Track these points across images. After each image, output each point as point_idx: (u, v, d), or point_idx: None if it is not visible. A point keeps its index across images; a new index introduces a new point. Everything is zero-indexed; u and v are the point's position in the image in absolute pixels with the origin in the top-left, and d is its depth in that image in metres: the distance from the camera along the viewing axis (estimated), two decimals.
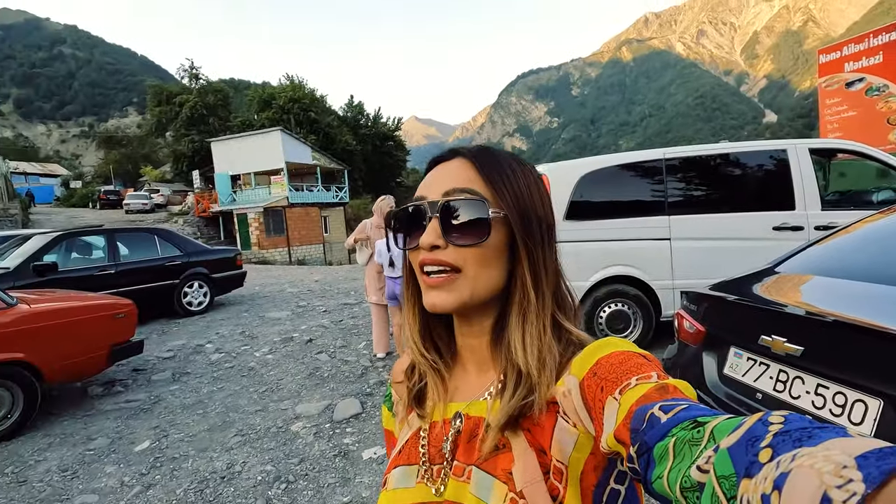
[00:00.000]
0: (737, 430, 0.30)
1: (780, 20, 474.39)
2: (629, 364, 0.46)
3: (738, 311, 1.85)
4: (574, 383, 0.49)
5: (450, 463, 0.56)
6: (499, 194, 0.55)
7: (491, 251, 0.54)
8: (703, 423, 0.34)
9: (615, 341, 0.51)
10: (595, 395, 0.46)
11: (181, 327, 6.91)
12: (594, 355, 0.50)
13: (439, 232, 0.54)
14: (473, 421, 0.56)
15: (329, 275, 13.47)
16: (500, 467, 0.51)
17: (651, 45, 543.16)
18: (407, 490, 0.58)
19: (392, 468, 0.61)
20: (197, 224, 27.47)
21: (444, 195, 0.55)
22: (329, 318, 6.97)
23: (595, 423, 0.46)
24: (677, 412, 0.37)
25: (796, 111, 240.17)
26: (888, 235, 1.99)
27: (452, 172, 0.57)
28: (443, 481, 0.56)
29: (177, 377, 4.77)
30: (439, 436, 0.59)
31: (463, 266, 0.54)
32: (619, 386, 0.44)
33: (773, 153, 4.42)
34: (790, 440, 0.26)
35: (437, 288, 0.54)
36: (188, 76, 40.24)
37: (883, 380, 1.32)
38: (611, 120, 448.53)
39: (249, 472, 2.91)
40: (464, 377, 0.62)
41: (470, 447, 0.55)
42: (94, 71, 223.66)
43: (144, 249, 7.37)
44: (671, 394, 0.41)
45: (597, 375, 0.47)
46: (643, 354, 0.48)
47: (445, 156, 0.60)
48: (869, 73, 10.72)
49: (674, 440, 0.34)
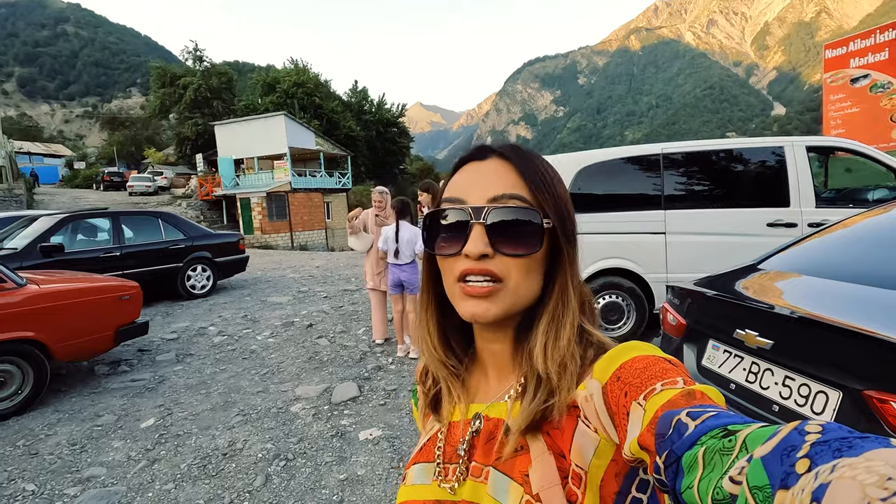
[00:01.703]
0: (771, 439, 0.29)
1: (792, 10, 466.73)
2: (654, 369, 0.44)
3: (717, 305, 1.94)
4: (596, 387, 0.48)
5: (466, 462, 0.56)
6: (543, 201, 0.53)
7: (536, 261, 0.53)
8: (735, 432, 0.32)
9: (639, 345, 0.49)
10: (618, 401, 0.44)
11: (185, 310, 7.05)
12: (618, 359, 0.48)
13: (486, 240, 0.51)
14: (493, 422, 0.56)
15: (330, 261, 13.60)
16: (517, 469, 0.50)
17: (660, 34, 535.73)
18: (424, 487, 0.59)
19: (412, 464, 0.62)
20: (200, 208, 27.57)
21: (491, 201, 0.53)
22: (329, 304, 7.09)
23: (618, 429, 0.44)
24: (706, 419, 0.35)
25: (805, 104, 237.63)
26: (865, 236, 2.06)
27: (493, 175, 0.54)
28: (457, 479, 0.56)
29: (180, 358, 4.90)
30: (457, 436, 0.59)
31: (506, 276, 0.52)
32: (644, 391, 0.42)
33: (770, 150, 4.46)
34: (829, 450, 0.25)
35: (478, 297, 0.52)
36: (192, 58, 40.03)
37: (842, 373, 1.41)
38: (617, 110, 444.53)
39: (250, 449, 3.03)
40: (483, 379, 0.61)
41: (488, 448, 0.55)
42: (97, 51, 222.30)
43: (149, 233, 7.47)
44: (698, 399, 0.39)
45: (620, 380, 0.46)
46: (668, 359, 0.46)
47: (476, 154, 0.57)
48: (874, 70, 10.66)
49: (703, 449, 0.33)
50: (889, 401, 1.27)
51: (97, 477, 2.79)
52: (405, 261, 4.45)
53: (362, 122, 42.71)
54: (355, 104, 45.25)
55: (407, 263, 4.47)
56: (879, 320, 1.42)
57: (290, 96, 36.15)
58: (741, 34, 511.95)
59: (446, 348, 0.62)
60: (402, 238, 4.40)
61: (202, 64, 39.91)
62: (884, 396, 1.29)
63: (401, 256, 4.42)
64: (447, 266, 0.55)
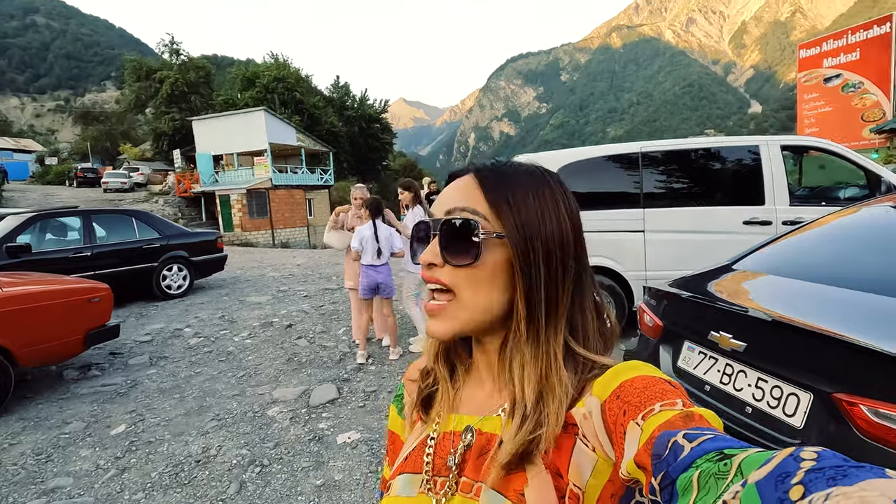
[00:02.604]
0: (766, 465, 0.29)
1: (768, 10, 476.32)
2: (654, 389, 0.44)
3: (692, 307, 1.94)
4: (595, 405, 0.48)
5: (456, 476, 0.54)
6: (499, 214, 0.53)
7: (486, 273, 0.53)
8: (731, 456, 0.32)
9: (640, 365, 0.49)
10: (617, 419, 0.45)
11: (160, 311, 6.88)
12: (618, 378, 0.48)
13: (437, 250, 0.54)
14: (486, 437, 0.55)
15: (312, 259, 13.44)
16: (512, 488, 0.49)
17: (641, 31, 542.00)
18: (409, 499, 0.57)
19: (397, 474, 0.60)
20: (178, 205, 26.98)
21: (446, 213, 0.55)
22: (310, 303, 6.99)
23: (615, 448, 0.44)
24: (702, 442, 0.35)
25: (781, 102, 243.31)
26: (836, 237, 2.09)
27: (459, 190, 0.56)
28: (445, 494, 0.54)
29: (154, 361, 4.77)
30: (446, 447, 0.57)
31: (456, 288, 0.53)
32: (643, 411, 0.42)
33: (746, 149, 4.52)
34: (823, 478, 0.25)
35: (433, 316, 0.54)
36: (168, 51, 39.00)
37: (812, 375, 1.42)
38: (599, 107, 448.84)
39: (224, 455, 2.96)
40: (479, 390, 0.60)
41: (480, 463, 0.53)
42: (69, 43, 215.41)
43: (122, 231, 7.27)
44: (696, 422, 0.39)
45: (620, 398, 0.46)
46: (668, 381, 0.46)
47: (459, 172, 0.59)
48: (846, 70, 10.93)
49: (699, 472, 0.33)
50: (858, 404, 1.28)
51: (63, 488, 2.69)
52: (379, 262, 4.37)
53: (344, 118, 42.23)
54: (337, 100, 44.71)
55: (383, 265, 4.40)
56: (848, 323, 1.43)
57: (271, 91, 35.53)
58: (719, 33, 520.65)
59: (443, 353, 0.63)
60: (381, 237, 4.34)
61: (179, 57, 38.94)
62: (853, 399, 1.29)
63: (369, 257, 4.34)
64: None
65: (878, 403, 1.24)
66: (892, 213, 2.15)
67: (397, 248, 4.46)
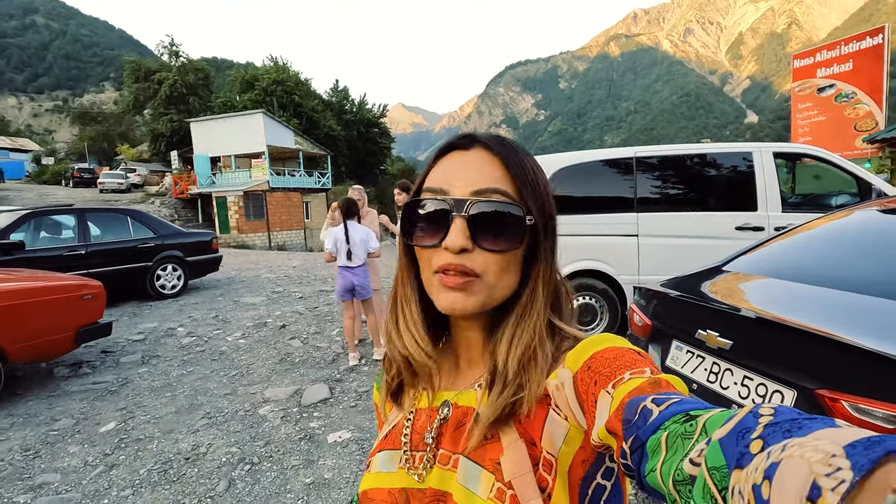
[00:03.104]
0: (728, 423, 0.30)
1: (765, 22, 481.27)
2: (624, 359, 0.46)
3: (680, 306, 1.96)
4: (567, 376, 0.49)
5: (433, 450, 0.55)
6: (527, 196, 0.53)
7: (517, 257, 0.53)
8: (696, 417, 0.34)
9: (611, 337, 0.50)
10: (588, 389, 0.46)
11: (153, 310, 6.85)
12: (589, 350, 0.49)
13: (468, 234, 0.51)
14: (462, 410, 0.56)
15: (308, 261, 13.43)
16: (488, 457, 0.50)
17: (639, 41, 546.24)
18: (389, 474, 0.58)
19: (377, 451, 0.61)
20: (174, 206, 26.93)
21: (474, 193, 0.52)
22: (304, 305, 6.98)
23: (587, 416, 0.46)
24: (669, 405, 0.36)
25: (776, 113, 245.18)
26: (824, 239, 2.12)
27: (478, 167, 0.53)
28: (424, 467, 0.55)
29: (146, 360, 4.75)
30: (424, 423, 0.58)
31: (484, 271, 0.51)
32: (613, 380, 0.44)
33: (740, 156, 4.56)
34: (780, 431, 0.27)
35: (455, 290, 0.51)
36: (168, 53, 39.05)
37: (796, 372, 1.43)
38: (597, 114, 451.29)
39: (214, 453, 2.95)
40: (454, 367, 0.61)
41: (457, 436, 0.54)
42: (68, 43, 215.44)
43: (116, 230, 7.25)
44: (664, 388, 0.41)
45: (591, 369, 0.47)
46: (637, 351, 0.48)
47: (460, 143, 0.56)
48: (839, 80, 11.05)
49: (666, 433, 0.34)
50: (839, 399, 1.29)
51: (50, 483, 2.67)
52: (358, 263, 4.35)
53: (343, 122, 42.31)
54: (336, 104, 44.81)
55: (359, 266, 4.37)
56: (831, 321, 1.45)
57: (270, 94, 35.60)
58: (716, 43, 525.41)
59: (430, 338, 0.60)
60: (353, 238, 4.32)
61: (178, 59, 39.00)
62: (835, 395, 1.31)
63: (354, 258, 4.31)
64: (425, 257, 0.54)
65: (859, 399, 1.26)
66: (879, 216, 2.17)
67: (373, 248, 4.43)
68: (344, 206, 4.39)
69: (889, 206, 2.24)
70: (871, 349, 1.26)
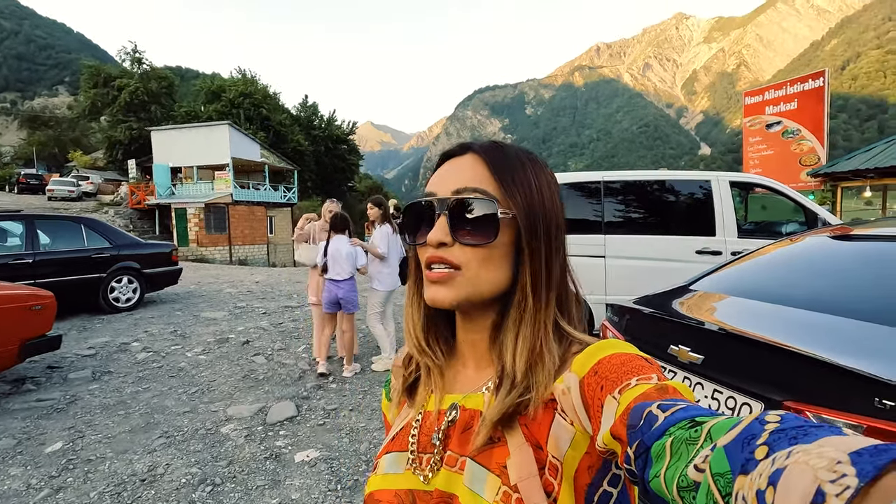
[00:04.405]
0: (733, 429, 0.30)
1: (716, 61, 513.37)
2: (631, 365, 0.46)
3: (653, 322, 2.03)
4: (574, 381, 0.49)
5: (441, 452, 0.56)
6: (509, 194, 0.54)
7: (497, 251, 0.54)
8: (701, 423, 0.34)
9: (618, 343, 0.51)
10: (594, 394, 0.46)
11: (105, 324, 6.49)
12: (596, 355, 0.49)
13: (447, 230, 0.54)
14: (469, 413, 0.56)
15: (272, 276, 13.09)
16: (494, 460, 0.50)
17: (601, 73, 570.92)
18: (396, 476, 0.58)
19: (384, 453, 0.61)
20: (130, 216, 25.83)
21: (455, 193, 0.54)
22: (269, 320, 6.78)
23: (592, 422, 0.46)
24: (675, 411, 0.36)
25: (727, 146, 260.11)
26: (780, 262, 2.26)
27: (463, 169, 0.56)
28: (431, 469, 0.55)
29: (97, 376, 4.48)
30: (432, 425, 0.58)
31: (465, 264, 0.53)
32: (619, 385, 0.44)
33: (699, 183, 4.82)
34: (786, 438, 0.27)
35: (437, 283, 0.54)
36: (130, 59, 37.86)
37: (763, 385, 1.51)
38: (561, 141, 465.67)
39: (173, 474, 2.80)
40: (462, 371, 0.62)
41: (464, 438, 0.54)
42: (21, 43, 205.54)
43: (68, 239, 6.88)
44: (670, 394, 0.41)
45: (598, 374, 0.47)
46: (645, 357, 0.48)
47: (456, 151, 0.59)
48: (785, 118, 11.90)
49: (671, 439, 0.34)
50: (804, 411, 1.37)
51: None
52: (340, 277, 4.34)
53: (311, 137, 41.96)
54: (304, 118, 44.48)
55: (345, 280, 4.36)
56: (793, 336, 1.54)
57: (236, 106, 34.98)
58: (673, 79, 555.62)
59: (428, 336, 0.62)
60: (335, 253, 4.31)
61: (141, 66, 37.86)
62: (800, 406, 1.38)
63: (331, 272, 4.33)
64: (419, 255, 0.58)
65: (822, 409, 1.33)
66: (830, 242, 2.34)
67: (361, 264, 4.43)
68: (335, 220, 4.45)
69: (837, 232, 2.42)
70: (831, 362, 1.35)
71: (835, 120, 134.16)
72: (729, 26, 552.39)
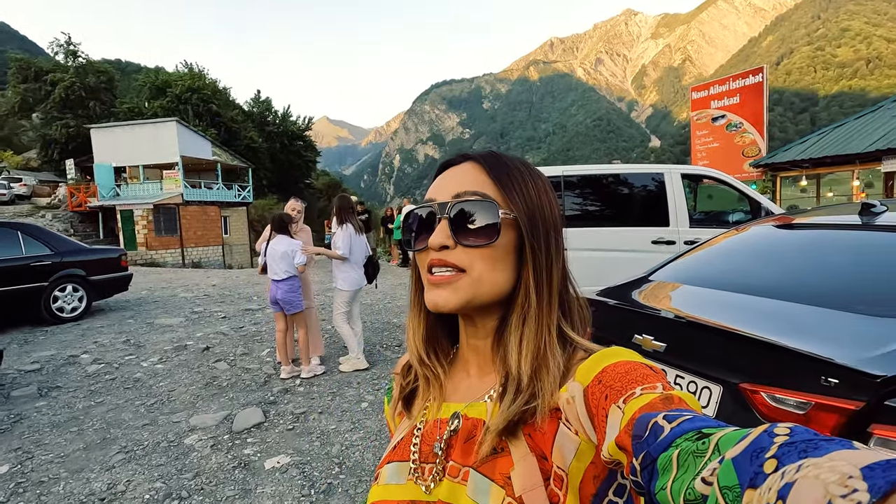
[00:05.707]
0: (742, 441, 0.30)
1: (663, 57, 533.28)
2: (635, 374, 0.45)
3: (618, 313, 2.11)
4: (578, 390, 0.49)
5: (443, 462, 0.55)
6: (509, 197, 0.55)
7: (499, 253, 0.54)
8: (709, 435, 0.33)
9: (623, 351, 0.50)
10: (599, 403, 0.45)
11: (49, 336, 6.11)
12: (600, 363, 0.49)
13: (448, 233, 0.54)
14: (472, 422, 0.55)
15: (228, 279, 12.67)
16: (498, 471, 0.50)
17: (555, 67, 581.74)
18: (398, 486, 0.57)
19: (385, 463, 0.61)
20: (70, 220, 24.24)
21: (455, 197, 0.55)
22: (229, 325, 6.57)
23: (597, 431, 0.45)
24: (681, 422, 0.36)
25: (676, 138, 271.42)
26: (731, 251, 2.39)
27: (463, 176, 0.57)
28: (433, 479, 0.55)
29: (44, 392, 4.22)
30: (433, 435, 0.58)
31: (469, 267, 0.53)
32: (624, 395, 0.43)
33: (652, 176, 5.02)
34: (795, 451, 0.26)
35: (439, 286, 0.54)
36: (64, 52, 35.39)
37: (721, 369, 1.60)
38: (518, 134, 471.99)
39: (135, 490, 2.68)
40: (465, 378, 0.61)
41: (467, 448, 0.54)
42: None
43: (3, 247, 6.41)
44: (676, 404, 0.40)
45: (602, 383, 0.46)
46: (650, 366, 0.48)
47: (455, 160, 0.60)
48: (729, 111, 12.56)
49: (678, 451, 0.34)
50: (759, 391, 1.47)
51: None
52: (278, 276, 4.30)
53: (265, 134, 40.68)
54: (258, 115, 43.05)
55: (283, 280, 4.30)
56: (746, 322, 1.64)
57: (184, 102, 33.41)
58: (623, 73, 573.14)
59: (428, 349, 0.62)
60: (272, 252, 4.28)
61: (77, 59, 35.47)
62: (755, 388, 1.48)
63: (270, 271, 4.32)
64: (420, 260, 0.58)
65: (774, 389, 1.43)
66: (774, 231, 2.50)
67: (298, 263, 4.36)
68: (275, 221, 4.39)
69: (779, 222, 2.58)
70: (780, 344, 1.45)
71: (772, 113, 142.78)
72: (674, 23, 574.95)
